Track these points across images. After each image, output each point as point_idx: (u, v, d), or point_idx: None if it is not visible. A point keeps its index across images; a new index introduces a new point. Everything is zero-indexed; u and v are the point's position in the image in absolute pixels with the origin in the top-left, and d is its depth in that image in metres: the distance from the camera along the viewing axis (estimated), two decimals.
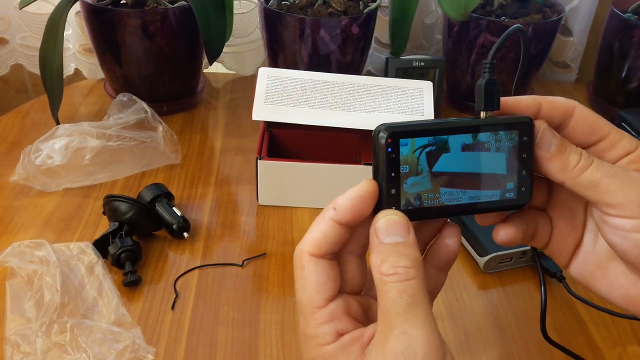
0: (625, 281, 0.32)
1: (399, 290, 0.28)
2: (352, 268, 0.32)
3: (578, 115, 0.32)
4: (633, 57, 0.79)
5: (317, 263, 0.30)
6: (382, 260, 0.28)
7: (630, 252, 0.30)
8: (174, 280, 0.53)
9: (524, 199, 0.32)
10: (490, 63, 0.32)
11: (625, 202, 0.29)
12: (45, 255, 0.49)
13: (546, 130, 0.31)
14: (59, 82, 0.69)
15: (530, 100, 0.32)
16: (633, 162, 0.31)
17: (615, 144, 0.32)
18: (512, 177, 0.31)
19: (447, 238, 0.33)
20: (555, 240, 0.35)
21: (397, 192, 0.30)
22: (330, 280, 0.30)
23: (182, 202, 0.63)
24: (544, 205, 0.35)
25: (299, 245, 0.31)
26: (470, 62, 0.80)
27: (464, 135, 0.30)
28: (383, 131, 0.30)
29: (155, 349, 0.46)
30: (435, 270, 0.33)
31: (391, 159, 0.29)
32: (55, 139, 0.63)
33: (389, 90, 0.62)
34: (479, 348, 0.48)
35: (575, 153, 0.31)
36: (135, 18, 0.71)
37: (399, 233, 0.29)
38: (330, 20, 0.71)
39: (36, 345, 0.44)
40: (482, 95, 0.31)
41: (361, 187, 0.30)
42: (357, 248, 0.32)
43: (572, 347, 0.49)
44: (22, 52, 0.89)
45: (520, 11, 0.79)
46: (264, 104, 0.60)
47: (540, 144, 0.31)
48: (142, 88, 0.77)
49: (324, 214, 0.30)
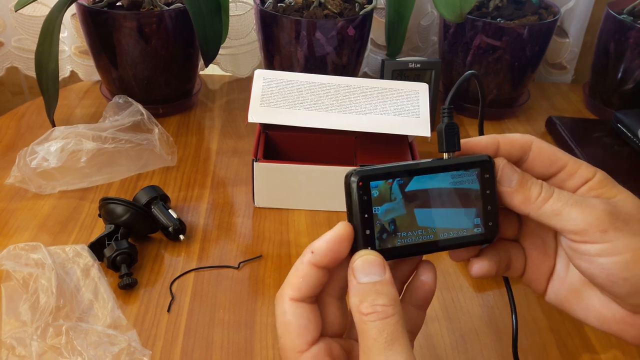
0: (598, 304, 0.34)
1: (378, 328, 0.28)
2: (333, 311, 0.33)
3: (535, 149, 0.34)
4: (629, 59, 0.79)
5: (298, 307, 0.30)
6: (360, 300, 0.29)
7: (598, 276, 0.31)
8: (170, 282, 0.53)
9: (492, 233, 0.33)
10: (448, 108, 0.34)
11: (587, 228, 0.31)
12: (40, 258, 0.49)
13: (506, 166, 0.33)
14: (54, 84, 0.68)
15: (489, 140, 0.34)
16: (592, 188, 0.33)
17: (573, 173, 0.33)
18: (478, 213, 0.33)
19: (423, 276, 0.34)
20: (529, 269, 0.36)
21: (371, 232, 0.31)
22: (312, 323, 0.30)
23: (178, 204, 0.63)
24: (516, 236, 0.37)
25: (279, 290, 0.31)
26: (466, 64, 0.80)
27: (429, 176, 0.32)
28: (354, 175, 0.31)
29: (151, 352, 0.46)
30: (413, 309, 0.34)
31: (363, 202, 0.31)
32: (51, 141, 0.63)
33: (385, 92, 0.62)
34: (475, 350, 0.48)
35: (536, 185, 0.32)
36: (131, 20, 0.71)
37: (376, 272, 0.30)
38: (326, 22, 0.71)
39: (32, 348, 0.44)
40: (443, 138, 0.33)
41: (336, 230, 0.31)
42: (337, 290, 0.33)
43: (568, 349, 0.49)
44: (17, 54, 0.89)
45: (515, 13, 0.79)
46: (260, 106, 0.60)
47: (502, 180, 0.33)
48: (138, 90, 0.77)
49: (303, 258, 0.31)
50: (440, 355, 0.48)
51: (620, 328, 0.33)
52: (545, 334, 0.50)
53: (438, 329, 0.50)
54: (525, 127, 0.83)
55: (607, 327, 0.34)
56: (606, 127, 0.77)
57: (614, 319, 0.33)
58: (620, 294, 0.32)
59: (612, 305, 0.33)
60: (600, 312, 0.34)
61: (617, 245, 0.30)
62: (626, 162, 0.71)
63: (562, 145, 0.76)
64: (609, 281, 0.31)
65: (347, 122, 0.59)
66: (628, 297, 0.31)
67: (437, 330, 0.50)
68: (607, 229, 0.30)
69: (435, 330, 0.50)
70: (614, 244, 0.30)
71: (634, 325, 0.33)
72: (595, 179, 0.33)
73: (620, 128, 0.74)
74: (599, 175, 0.33)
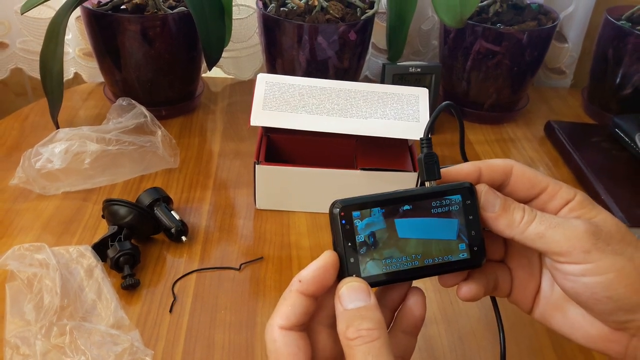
0: (583, 321, 0.34)
1: (364, 351, 0.29)
2: (323, 338, 0.33)
3: (516, 173, 0.35)
4: (627, 64, 0.79)
5: (287, 335, 0.31)
6: (347, 325, 0.30)
7: (582, 294, 0.32)
8: (172, 283, 0.54)
9: (478, 258, 0.34)
10: (427, 139, 0.35)
11: (570, 250, 0.31)
12: (44, 259, 0.50)
13: (488, 192, 0.34)
14: (59, 86, 0.69)
15: (470, 167, 0.35)
16: (573, 209, 0.34)
17: (554, 194, 0.34)
18: (463, 239, 0.34)
19: (412, 302, 0.35)
20: (516, 289, 0.37)
21: (355, 260, 0.32)
22: (301, 351, 0.31)
23: (181, 205, 0.64)
24: (502, 257, 0.37)
25: (269, 321, 0.32)
26: (466, 69, 0.81)
27: (412, 204, 0.33)
28: (337, 205, 0.32)
29: (153, 352, 0.46)
30: (404, 335, 0.35)
31: (346, 230, 0.32)
32: (55, 143, 0.64)
33: (385, 97, 0.63)
34: (473, 352, 0.49)
35: (518, 209, 0.33)
36: (135, 23, 0.71)
37: (361, 298, 0.30)
38: (328, 26, 0.72)
39: (35, 347, 0.44)
40: (423, 168, 0.34)
41: (322, 259, 0.32)
42: (327, 318, 0.33)
43: (564, 351, 0.49)
44: (22, 56, 0.90)
45: (515, 18, 0.80)
46: (262, 110, 0.60)
47: (485, 206, 0.33)
48: (141, 92, 0.77)
49: (291, 287, 0.32)
50: (438, 357, 0.48)
51: (604, 345, 0.34)
52: (541, 336, 0.51)
53: (436, 331, 0.50)
54: (524, 132, 0.83)
55: (592, 343, 0.34)
56: (604, 132, 0.78)
57: (599, 336, 0.34)
58: (604, 312, 0.32)
59: (596, 323, 0.34)
60: (584, 329, 0.34)
61: (600, 265, 0.31)
62: (624, 167, 0.71)
63: (561, 150, 0.77)
64: (593, 299, 0.32)
65: (348, 126, 0.60)
66: (611, 314, 0.32)
67: (435, 332, 0.50)
68: (589, 249, 0.31)
69: (434, 332, 0.50)
70: (597, 264, 0.31)
71: (618, 342, 0.33)
72: (576, 200, 0.34)
73: (618, 133, 0.75)
74: (579, 197, 0.34)
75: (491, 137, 0.82)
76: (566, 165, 0.75)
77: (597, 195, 0.65)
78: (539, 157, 0.78)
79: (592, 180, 0.68)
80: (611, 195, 0.64)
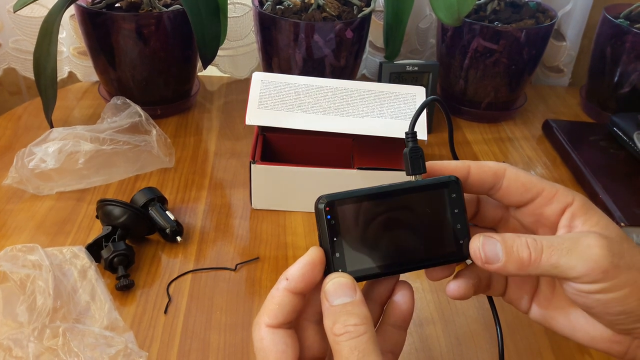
0: (586, 324, 0.34)
1: (350, 347, 0.29)
2: (310, 335, 0.33)
3: (509, 177, 0.34)
4: (625, 63, 0.79)
5: (275, 333, 0.31)
6: (333, 321, 0.30)
7: (594, 308, 0.32)
8: (167, 284, 0.53)
9: (465, 251, 0.34)
10: (412, 133, 0.35)
11: (589, 272, 0.31)
12: (37, 260, 0.49)
13: (485, 243, 0.32)
14: (52, 85, 0.69)
15: (458, 164, 0.34)
16: (575, 216, 0.33)
17: (551, 198, 0.33)
18: (448, 233, 0.33)
19: (399, 296, 0.34)
20: (511, 289, 0.37)
21: (341, 255, 0.32)
22: (290, 348, 0.31)
23: (176, 205, 0.63)
24: None
25: (255, 319, 0.32)
26: (463, 67, 0.80)
27: (397, 198, 0.33)
28: (322, 200, 0.32)
29: (147, 353, 0.46)
30: (393, 329, 0.35)
31: (331, 226, 0.32)
32: (48, 142, 0.63)
33: (382, 96, 0.62)
34: (470, 353, 0.48)
35: (522, 247, 0.32)
36: (129, 22, 0.71)
37: (347, 294, 0.30)
38: (325, 24, 0.71)
39: (28, 349, 0.44)
40: (408, 161, 0.34)
41: (309, 255, 0.32)
42: (314, 315, 0.33)
43: (562, 352, 0.49)
44: (14, 55, 0.89)
45: (513, 16, 0.80)
46: (258, 109, 0.60)
47: (489, 259, 0.32)
48: (136, 91, 0.77)
49: (278, 285, 0.32)
50: (435, 357, 0.48)
51: (607, 346, 0.34)
52: (539, 337, 0.50)
53: (434, 332, 0.50)
54: (522, 130, 0.83)
55: (594, 344, 0.34)
56: (602, 130, 0.77)
57: (601, 337, 0.33)
58: (614, 323, 0.32)
59: (599, 325, 0.33)
60: (586, 330, 0.34)
61: (616, 283, 0.30)
62: (622, 165, 0.71)
63: (559, 149, 0.77)
64: (605, 313, 0.32)
65: (345, 125, 0.60)
66: (620, 324, 0.32)
67: (432, 332, 0.50)
68: (607, 269, 0.30)
69: (431, 333, 0.50)
70: (613, 282, 0.30)
71: (621, 343, 0.33)
72: (576, 205, 0.33)
73: (616, 131, 0.75)
74: (578, 200, 0.33)
75: (489, 136, 0.81)
76: (564, 164, 0.75)
77: (595, 194, 0.65)
78: (537, 155, 0.77)
79: (590, 179, 0.67)
80: (609, 194, 0.64)
